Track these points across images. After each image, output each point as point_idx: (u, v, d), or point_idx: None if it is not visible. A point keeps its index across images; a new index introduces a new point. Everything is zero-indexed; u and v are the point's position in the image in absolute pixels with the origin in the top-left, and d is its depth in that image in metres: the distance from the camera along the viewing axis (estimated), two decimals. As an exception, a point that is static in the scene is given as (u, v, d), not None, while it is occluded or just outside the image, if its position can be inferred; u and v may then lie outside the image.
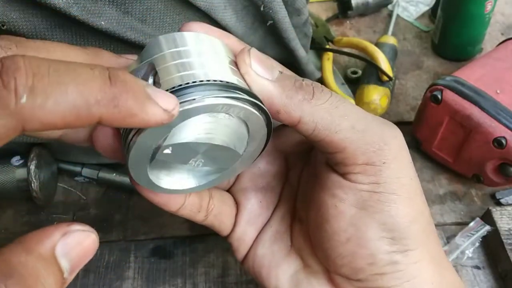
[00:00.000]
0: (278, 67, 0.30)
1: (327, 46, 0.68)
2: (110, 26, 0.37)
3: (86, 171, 0.53)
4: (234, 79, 0.27)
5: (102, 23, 0.37)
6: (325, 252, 0.31)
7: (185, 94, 0.25)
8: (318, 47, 0.68)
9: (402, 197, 0.29)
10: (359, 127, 0.29)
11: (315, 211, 0.32)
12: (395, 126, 0.31)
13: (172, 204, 0.32)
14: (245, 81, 0.28)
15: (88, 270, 0.47)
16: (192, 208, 0.33)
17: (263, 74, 0.28)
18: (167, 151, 0.26)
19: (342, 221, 0.30)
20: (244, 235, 0.36)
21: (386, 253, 0.29)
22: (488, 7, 0.64)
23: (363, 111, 0.30)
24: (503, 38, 0.64)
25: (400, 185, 0.29)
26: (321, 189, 0.31)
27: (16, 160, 0.48)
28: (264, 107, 0.28)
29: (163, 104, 0.22)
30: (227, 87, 0.26)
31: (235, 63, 0.28)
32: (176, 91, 0.25)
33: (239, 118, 0.27)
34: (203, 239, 0.50)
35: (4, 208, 0.51)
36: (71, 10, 0.35)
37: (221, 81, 0.26)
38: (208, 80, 0.25)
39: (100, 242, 0.54)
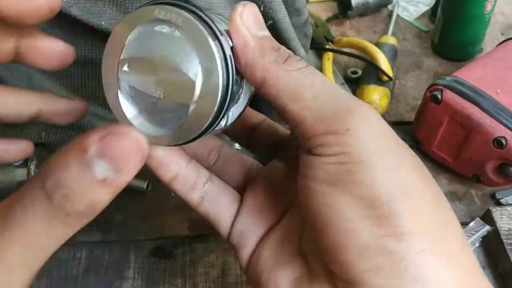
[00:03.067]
0: (268, 33, 0.29)
1: (327, 46, 0.68)
2: (110, 26, 0.37)
3: (86, 171, 0.53)
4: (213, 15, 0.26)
5: (102, 23, 0.37)
6: (318, 250, 0.28)
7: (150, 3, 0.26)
8: (318, 47, 0.68)
9: (378, 166, 0.24)
10: (321, 97, 0.26)
11: (299, 200, 0.28)
12: (367, 105, 0.27)
13: (164, 170, 0.30)
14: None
15: (88, 270, 0.47)
16: (185, 182, 0.31)
17: (248, 26, 0.27)
18: (126, 68, 0.27)
19: (315, 202, 0.26)
20: (247, 232, 0.32)
21: (374, 237, 0.24)
22: (488, 7, 0.64)
23: (336, 86, 0.27)
24: (503, 38, 0.64)
25: (373, 154, 0.25)
26: (299, 173, 0.28)
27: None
28: (219, 35, 0.26)
29: None
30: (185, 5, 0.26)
31: None
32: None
33: (189, 40, 0.26)
34: (203, 239, 0.50)
35: (4, 208, 0.51)
36: (71, 10, 0.35)
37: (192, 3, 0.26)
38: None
39: (100, 242, 0.54)
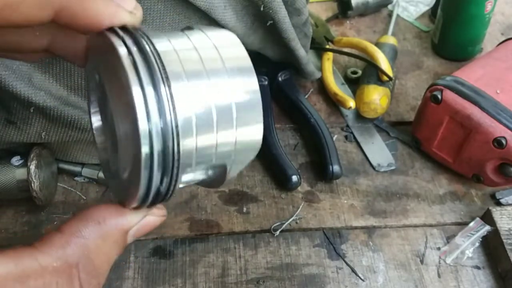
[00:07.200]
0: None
1: (327, 46, 0.68)
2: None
3: (86, 171, 0.53)
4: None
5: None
6: None
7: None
8: (318, 47, 0.68)
9: None
10: None
11: None
12: None
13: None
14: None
15: (88, 270, 0.47)
16: None
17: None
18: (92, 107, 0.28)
19: None
20: None
21: None
22: (488, 7, 0.64)
23: None
24: (503, 38, 0.64)
25: None
26: None
27: (16, 160, 0.48)
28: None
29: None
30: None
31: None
32: None
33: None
34: (203, 239, 0.50)
35: (4, 208, 0.51)
36: None
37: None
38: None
39: (100, 242, 0.53)
